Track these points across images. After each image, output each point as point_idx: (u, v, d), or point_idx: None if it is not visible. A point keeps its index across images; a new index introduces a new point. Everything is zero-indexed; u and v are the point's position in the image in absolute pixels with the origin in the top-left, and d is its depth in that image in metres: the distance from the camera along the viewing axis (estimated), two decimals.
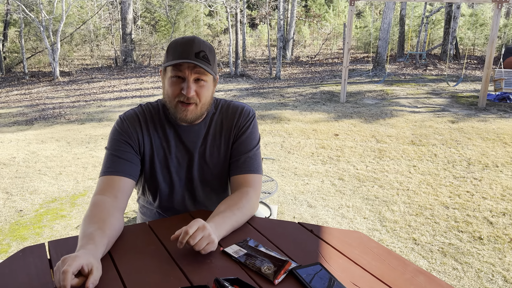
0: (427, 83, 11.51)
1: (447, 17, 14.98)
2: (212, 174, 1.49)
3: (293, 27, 17.45)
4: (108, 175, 1.35)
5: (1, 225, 3.76)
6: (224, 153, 1.48)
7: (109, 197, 1.30)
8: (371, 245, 1.11)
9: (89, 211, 1.24)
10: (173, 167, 1.46)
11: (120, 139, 1.40)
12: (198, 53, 1.32)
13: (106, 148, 1.42)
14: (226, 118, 1.49)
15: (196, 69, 1.32)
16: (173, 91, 1.34)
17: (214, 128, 1.48)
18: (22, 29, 15.20)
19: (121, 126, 1.42)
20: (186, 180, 1.49)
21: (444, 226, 3.62)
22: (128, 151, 1.39)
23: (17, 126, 8.05)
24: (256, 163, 1.46)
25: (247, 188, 1.39)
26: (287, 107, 8.84)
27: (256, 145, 1.50)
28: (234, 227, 1.25)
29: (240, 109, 1.50)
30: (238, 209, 1.28)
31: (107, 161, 1.39)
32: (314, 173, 4.96)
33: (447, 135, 6.46)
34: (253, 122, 1.51)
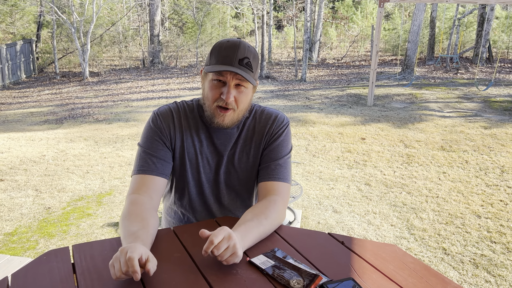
0: (458, 87, 11.18)
1: (480, 19, 14.54)
2: (239, 178, 1.47)
3: (320, 29, 17.31)
4: (142, 174, 1.35)
5: (30, 222, 3.83)
6: (253, 158, 1.46)
7: (145, 197, 1.30)
8: (407, 260, 1.04)
9: (128, 210, 1.24)
10: (202, 167, 1.45)
11: (153, 136, 1.39)
12: (242, 59, 1.30)
13: (139, 145, 1.42)
14: (259, 124, 1.46)
15: (238, 75, 1.30)
16: (213, 94, 1.33)
17: (246, 133, 1.46)
18: (55, 31, 15.64)
19: (154, 122, 1.41)
20: (213, 182, 1.47)
21: (476, 236, 3.48)
22: (161, 148, 1.39)
23: (48, 124, 8.26)
24: (285, 172, 1.42)
25: (275, 196, 1.35)
26: (313, 109, 8.75)
27: (288, 153, 1.46)
28: (260, 238, 1.21)
29: (274, 116, 1.47)
30: (265, 219, 1.24)
31: (140, 159, 1.38)
32: (340, 177, 4.87)
33: (479, 141, 6.24)
34: (286, 130, 1.47)
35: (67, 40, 16.96)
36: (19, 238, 3.54)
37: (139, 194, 1.30)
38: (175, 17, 21.76)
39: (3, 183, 4.80)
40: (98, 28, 16.19)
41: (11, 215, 3.99)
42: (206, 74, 1.36)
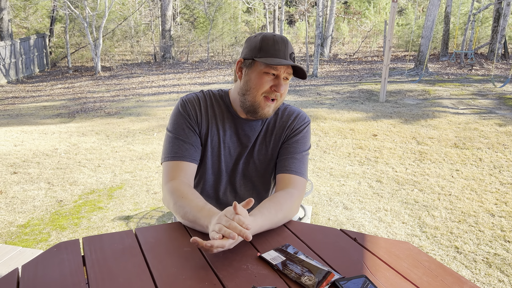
0: (472, 83, 11.01)
1: (495, 14, 14.28)
2: (256, 170, 1.50)
3: (332, 24, 17.17)
4: (176, 161, 1.37)
5: (42, 214, 3.87)
6: (272, 151, 1.48)
7: (185, 181, 1.34)
8: (421, 258, 1.02)
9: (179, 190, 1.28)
10: (223, 156, 1.47)
11: (183, 122, 1.42)
12: (290, 54, 1.36)
13: (169, 131, 1.43)
14: (281, 119, 1.49)
15: (288, 69, 1.35)
16: (263, 86, 1.35)
17: (267, 126, 1.49)
18: (67, 25, 15.76)
19: (183, 107, 1.43)
20: (231, 172, 1.50)
21: (490, 235, 3.42)
22: (191, 134, 1.42)
23: (60, 118, 8.34)
24: (303, 167, 1.44)
25: (293, 189, 1.36)
26: (324, 105, 8.69)
27: (306, 150, 1.48)
28: (270, 226, 1.22)
29: (297, 113, 1.51)
30: (280, 210, 1.25)
31: (172, 145, 1.40)
32: (351, 174, 4.83)
33: (493, 138, 6.13)
34: (307, 127, 1.50)
35: (80, 34, 17.09)
36: (31, 230, 3.58)
37: (179, 179, 1.34)
38: (186, 12, 21.77)
39: (16, 176, 4.86)
40: (110, 22, 16.28)
41: (24, 207, 4.04)
42: (252, 65, 1.37)
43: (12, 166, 5.20)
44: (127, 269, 0.98)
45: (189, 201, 1.23)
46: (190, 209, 1.21)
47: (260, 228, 1.16)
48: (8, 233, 3.53)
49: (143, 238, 1.13)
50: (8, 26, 15.55)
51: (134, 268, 0.99)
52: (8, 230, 3.58)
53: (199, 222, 1.17)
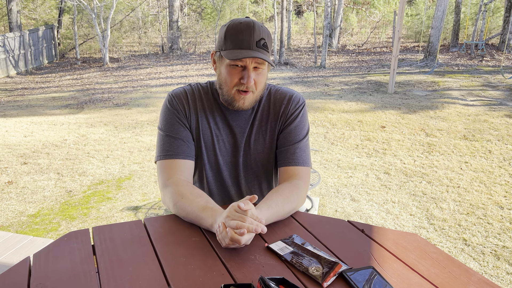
0: (482, 74, 10.87)
1: (507, 4, 14.03)
2: (256, 160, 1.46)
3: (340, 15, 17.00)
4: (170, 159, 1.34)
5: (52, 204, 3.92)
6: (270, 140, 1.44)
7: (184, 179, 1.31)
8: (429, 249, 1.02)
9: (178, 191, 1.24)
10: (218, 149, 1.43)
11: (172, 118, 1.38)
12: (259, 41, 1.27)
13: (160, 129, 1.40)
14: (274, 104, 1.43)
15: (256, 59, 1.28)
16: (232, 80, 1.30)
17: (261, 113, 1.43)
18: (75, 16, 15.78)
19: (171, 103, 1.40)
20: (231, 165, 1.46)
21: (498, 228, 3.40)
22: (182, 130, 1.38)
23: (69, 109, 8.39)
24: (305, 155, 1.40)
25: (298, 181, 1.34)
26: (332, 96, 8.65)
27: (306, 135, 1.44)
28: (277, 218, 1.20)
29: (289, 96, 1.43)
30: (288, 202, 1.23)
31: (163, 143, 1.37)
32: (359, 166, 4.81)
33: (503, 130, 6.07)
34: (302, 110, 1.44)
35: (88, 26, 17.12)
36: (41, 219, 3.63)
37: (176, 177, 1.30)
38: (194, 3, 21.68)
39: (26, 166, 4.91)
40: (118, 14, 16.27)
41: (34, 197, 4.09)
42: (221, 58, 1.32)
43: (22, 157, 5.26)
44: (136, 258, 0.99)
45: (190, 201, 1.20)
46: (192, 209, 1.18)
47: (267, 220, 1.15)
48: (19, 222, 3.59)
49: (152, 228, 1.14)
50: (17, 17, 15.61)
51: (143, 257, 1.00)
52: (19, 219, 3.64)
53: (203, 223, 1.16)
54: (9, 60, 13.60)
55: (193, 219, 1.18)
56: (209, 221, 1.13)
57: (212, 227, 1.12)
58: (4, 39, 13.38)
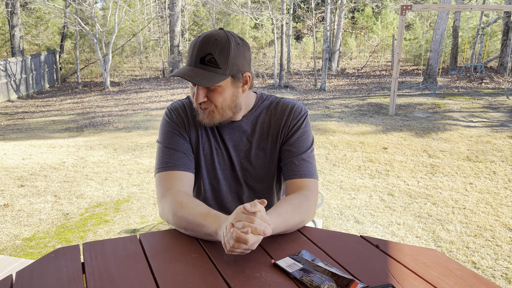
0: (483, 96, 10.88)
1: (505, 28, 14.21)
2: (256, 176, 1.39)
3: (339, 39, 17.21)
4: (169, 171, 1.28)
5: (48, 227, 3.81)
6: (270, 154, 1.37)
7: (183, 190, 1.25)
8: (451, 266, 0.93)
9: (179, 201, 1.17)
10: (218, 163, 1.38)
11: (172, 131, 1.34)
12: (204, 57, 1.19)
13: (159, 142, 1.36)
14: (275, 117, 1.37)
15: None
16: (191, 95, 1.29)
17: (261, 127, 1.37)
18: (77, 41, 15.98)
19: (170, 116, 1.37)
20: (231, 179, 1.41)
21: (508, 250, 3.29)
22: (181, 142, 1.33)
23: (69, 132, 8.35)
24: (311, 167, 1.33)
25: (308, 192, 1.27)
26: (332, 118, 8.62)
27: (310, 146, 1.37)
28: (286, 229, 1.13)
29: (291, 106, 1.37)
30: (298, 213, 1.16)
31: (163, 155, 1.32)
32: (362, 187, 4.72)
33: (507, 151, 6.00)
34: (305, 121, 1.37)
35: (89, 50, 17.31)
36: (37, 243, 3.52)
37: (176, 188, 1.24)
38: (195, 28, 22.01)
39: (23, 189, 4.82)
40: (119, 39, 16.48)
41: (30, 220, 3.98)
42: None
43: (19, 179, 5.17)
44: (130, 276, 0.90)
45: (191, 209, 1.13)
46: (193, 217, 1.10)
47: (275, 228, 1.06)
48: (13, 246, 3.47)
49: (148, 243, 1.05)
50: (20, 42, 15.79)
51: (137, 275, 0.91)
52: (13, 243, 3.52)
53: (205, 230, 1.07)
54: (11, 85, 13.66)
55: (195, 228, 1.10)
56: (213, 227, 1.05)
57: (217, 234, 1.04)
58: (6, 63, 13.48)
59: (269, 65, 17.83)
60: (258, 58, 18.91)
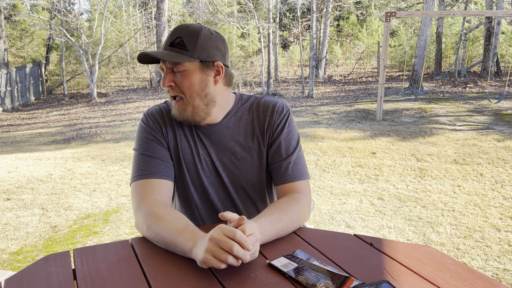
0: (467, 100, 11.06)
1: (486, 33, 14.52)
2: (245, 179, 1.33)
3: (325, 47, 17.39)
4: (145, 179, 1.20)
5: (36, 241, 3.74)
6: (258, 156, 1.32)
7: (160, 200, 1.18)
8: (446, 261, 0.93)
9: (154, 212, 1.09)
10: (201, 170, 1.31)
11: (148, 137, 1.27)
12: (173, 42, 1.19)
13: (135, 149, 1.29)
14: (258, 118, 1.32)
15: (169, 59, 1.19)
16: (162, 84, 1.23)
17: (245, 128, 1.32)
18: (63, 53, 15.86)
19: (146, 122, 1.30)
20: (217, 185, 1.34)
21: (497, 250, 3.32)
22: (159, 148, 1.27)
23: (55, 144, 8.25)
24: (301, 168, 1.30)
25: (298, 194, 1.24)
26: (321, 125, 8.66)
27: (297, 146, 1.33)
28: (278, 235, 1.09)
29: (272, 106, 1.32)
30: (286, 215, 1.13)
31: (139, 163, 1.25)
32: (352, 192, 4.74)
33: (493, 153, 6.09)
34: (288, 119, 1.33)
35: (76, 62, 17.20)
36: (24, 257, 3.44)
37: (152, 198, 1.17)
38: None
39: (9, 202, 4.73)
40: (106, 49, 16.41)
41: (17, 234, 3.90)
42: None
43: (5, 193, 5.07)
44: (123, 280, 0.88)
45: (166, 223, 1.04)
46: (168, 233, 1.02)
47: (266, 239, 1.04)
48: (0, 261, 3.39)
49: (140, 248, 1.03)
50: (4, 55, 15.62)
51: (130, 279, 0.89)
52: (0, 257, 3.44)
53: (180, 248, 0.99)
54: None
55: (169, 244, 1.02)
56: (187, 246, 0.96)
57: (191, 253, 0.96)
58: None
59: (257, 74, 17.92)
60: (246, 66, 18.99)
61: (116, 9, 16.38)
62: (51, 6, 15.92)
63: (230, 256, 0.88)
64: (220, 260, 0.88)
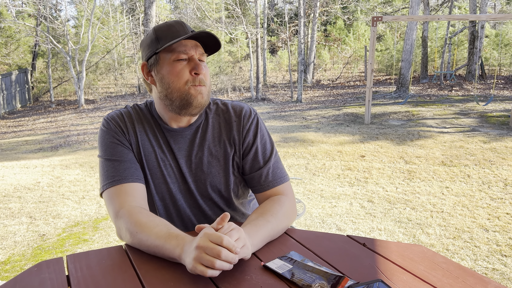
0: (453, 103, 11.23)
1: (471, 37, 14.77)
2: (212, 186, 1.29)
3: (313, 51, 17.51)
4: (115, 185, 1.15)
5: (24, 250, 3.69)
6: (224, 161, 1.27)
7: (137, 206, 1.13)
8: (437, 260, 0.95)
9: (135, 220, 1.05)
10: (168, 176, 1.26)
11: (112, 141, 1.22)
12: (192, 31, 1.19)
13: (100, 156, 1.23)
14: (224, 123, 1.28)
15: (198, 49, 1.19)
16: (182, 75, 1.16)
17: (212, 133, 1.28)
18: (50, 60, 15.71)
19: (107, 126, 1.24)
20: (186, 193, 1.29)
21: (486, 250, 3.36)
22: (125, 151, 1.21)
23: (43, 152, 8.15)
24: (280, 171, 1.28)
25: (280, 196, 1.24)
26: (310, 129, 8.71)
27: (272, 150, 1.29)
28: (270, 237, 1.08)
29: (239, 111, 1.28)
30: (272, 216, 1.11)
31: (107, 169, 1.18)
32: (342, 195, 4.77)
33: (479, 155, 6.18)
34: (257, 124, 1.29)
35: (62, 69, 17.05)
36: (12, 266, 3.39)
37: (128, 205, 1.12)
38: None
39: None
40: (93, 56, 16.30)
41: (4, 243, 3.84)
42: (159, 60, 1.19)
43: None
44: (117, 285, 0.88)
45: (149, 230, 1.01)
46: (152, 241, 0.99)
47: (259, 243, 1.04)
48: None
49: (134, 252, 1.03)
50: None
51: (125, 283, 0.89)
52: None
53: (168, 255, 0.97)
54: None
55: (155, 252, 1.01)
56: (176, 252, 0.95)
57: (180, 259, 0.94)
58: None
59: (246, 79, 17.97)
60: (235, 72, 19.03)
61: (103, 15, 16.31)
62: (37, 13, 15.79)
63: (219, 261, 0.86)
64: (210, 267, 0.87)
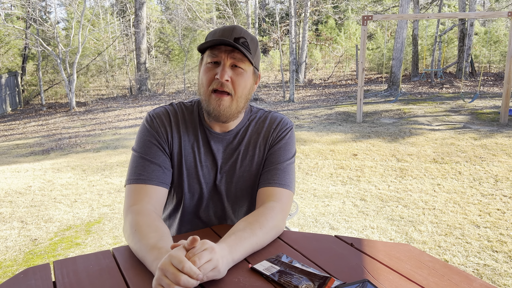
0: (444, 101, 11.31)
1: (460, 35, 14.89)
2: (241, 189, 1.33)
3: (305, 51, 17.55)
4: (140, 184, 1.19)
5: (15, 255, 3.65)
6: (256, 166, 1.32)
7: (149, 207, 1.15)
8: (424, 258, 0.96)
9: (136, 222, 1.07)
10: (202, 176, 1.30)
11: (150, 140, 1.24)
12: (238, 38, 1.18)
13: (134, 150, 1.26)
14: (263, 129, 1.33)
15: (233, 54, 1.17)
16: (207, 77, 1.19)
17: (249, 139, 1.33)
18: (40, 62, 15.59)
19: (150, 123, 1.27)
20: (213, 192, 1.33)
21: (477, 246, 3.39)
22: (160, 154, 1.24)
23: (34, 156, 8.08)
24: (287, 177, 1.27)
25: (273, 202, 1.20)
26: (303, 128, 8.73)
27: (290, 158, 1.32)
28: (253, 250, 1.05)
29: (279, 119, 1.35)
30: (259, 228, 1.07)
31: (136, 166, 1.22)
32: (335, 194, 4.78)
33: (470, 152, 6.23)
34: (289, 133, 1.35)
35: (53, 71, 16.93)
36: (3, 272, 3.36)
37: (141, 205, 1.15)
38: (161, 45, 21.92)
39: None
40: (84, 58, 16.20)
41: None
42: (201, 61, 1.25)
43: None
44: None
45: (141, 236, 1.02)
46: (139, 247, 1.01)
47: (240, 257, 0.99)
48: None
49: (122, 257, 1.03)
50: None
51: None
52: None
53: (147, 265, 0.96)
54: None
55: (141, 259, 1.01)
56: (152, 267, 0.93)
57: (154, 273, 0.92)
58: None
59: None
60: None
61: (93, 17, 16.22)
62: (26, 15, 15.66)
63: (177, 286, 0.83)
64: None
